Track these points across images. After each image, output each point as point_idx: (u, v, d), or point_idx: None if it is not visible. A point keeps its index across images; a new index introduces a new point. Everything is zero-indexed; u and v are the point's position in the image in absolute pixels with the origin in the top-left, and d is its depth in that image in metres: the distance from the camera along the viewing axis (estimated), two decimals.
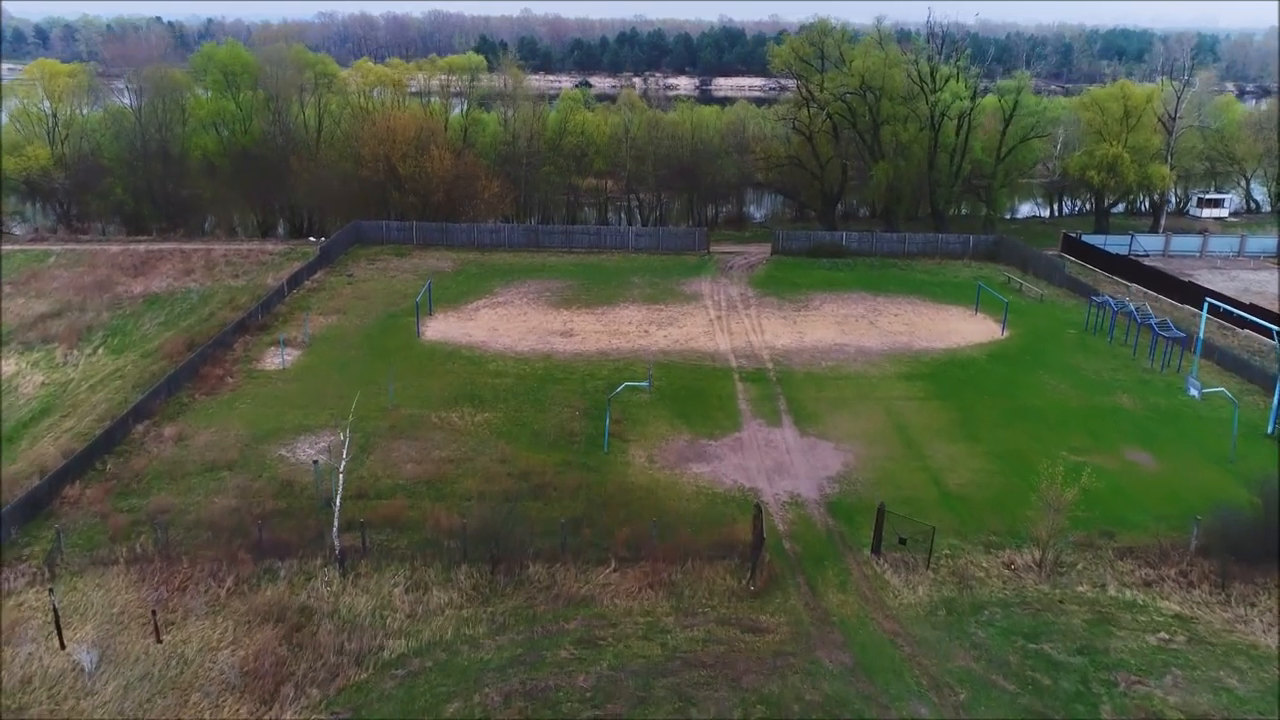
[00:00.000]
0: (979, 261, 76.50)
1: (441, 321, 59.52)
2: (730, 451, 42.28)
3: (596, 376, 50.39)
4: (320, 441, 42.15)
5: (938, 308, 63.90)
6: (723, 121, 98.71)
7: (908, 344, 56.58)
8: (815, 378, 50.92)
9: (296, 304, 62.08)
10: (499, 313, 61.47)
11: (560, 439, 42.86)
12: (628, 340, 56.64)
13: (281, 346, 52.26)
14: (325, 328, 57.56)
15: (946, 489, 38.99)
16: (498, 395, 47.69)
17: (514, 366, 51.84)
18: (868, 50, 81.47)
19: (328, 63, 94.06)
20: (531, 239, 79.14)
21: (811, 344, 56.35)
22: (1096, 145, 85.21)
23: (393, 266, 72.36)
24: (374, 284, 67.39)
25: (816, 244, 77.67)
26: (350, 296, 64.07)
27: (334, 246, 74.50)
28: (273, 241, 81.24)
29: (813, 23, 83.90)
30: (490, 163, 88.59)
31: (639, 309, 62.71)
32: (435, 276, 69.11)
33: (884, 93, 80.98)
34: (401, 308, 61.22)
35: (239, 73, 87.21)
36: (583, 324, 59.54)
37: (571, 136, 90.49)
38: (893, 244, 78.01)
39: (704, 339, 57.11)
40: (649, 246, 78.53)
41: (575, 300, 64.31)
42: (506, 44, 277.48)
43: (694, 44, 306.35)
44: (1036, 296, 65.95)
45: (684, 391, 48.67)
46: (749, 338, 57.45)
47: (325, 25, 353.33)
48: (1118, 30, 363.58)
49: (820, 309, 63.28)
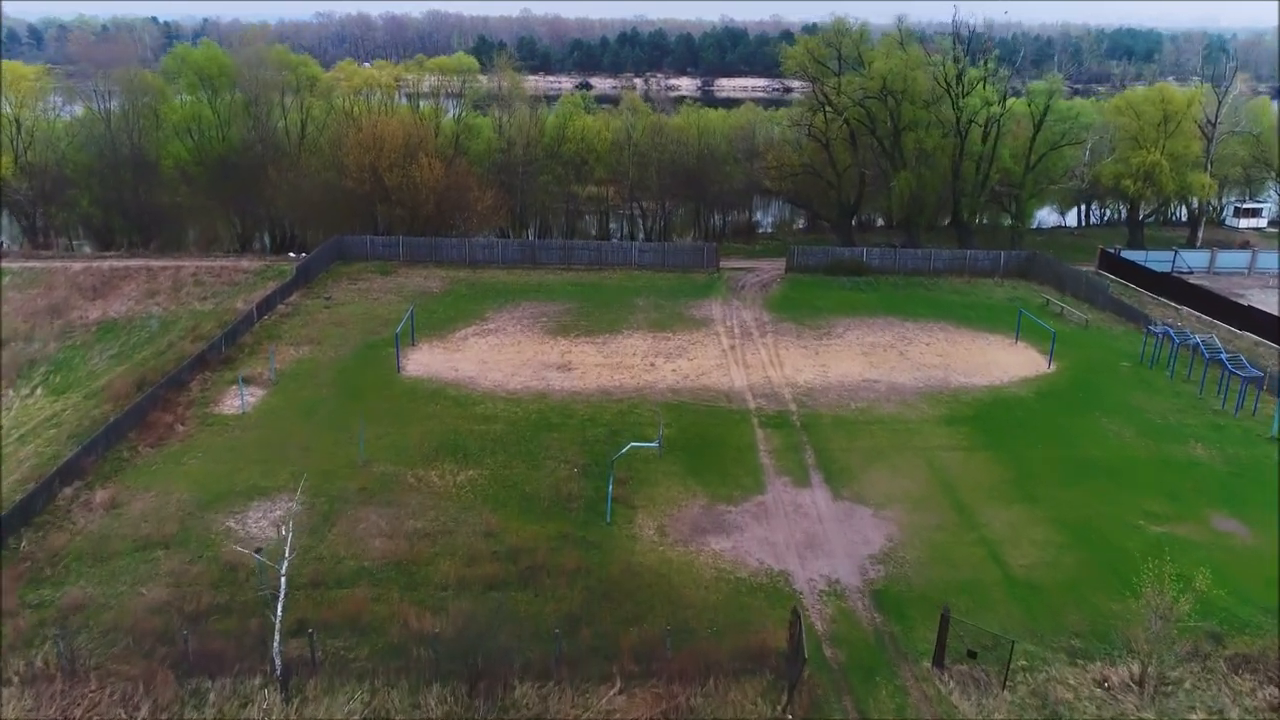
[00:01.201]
0: (1011, 280, 70.27)
1: (426, 353, 53.32)
2: (753, 520, 36.09)
3: (598, 422, 44.19)
4: (275, 509, 35.95)
5: (973, 335, 57.69)
6: (729, 126, 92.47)
7: (944, 379, 50.38)
8: (845, 422, 44.71)
9: (266, 332, 55.85)
10: (489, 342, 55.27)
11: (555, 504, 36.66)
12: (632, 375, 50.46)
13: (241, 387, 46.02)
14: (295, 361, 51.35)
15: (1011, 571, 32.80)
16: (485, 447, 41.48)
17: (504, 409, 45.64)
18: (889, 51, 75.20)
19: (310, 65, 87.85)
20: (527, 255, 72.94)
21: (837, 380, 50.15)
22: (1132, 152, 78.96)
23: (376, 287, 66.13)
24: (354, 308, 61.15)
25: (835, 260, 71.45)
26: (326, 323, 57.84)
27: (314, 264, 68.31)
28: (249, 257, 75.04)
29: (829, 22, 77.57)
30: (484, 171, 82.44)
31: (644, 337, 56.51)
32: (421, 299, 62.94)
33: (906, 97, 74.74)
34: (382, 336, 55.03)
35: (215, 76, 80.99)
36: (582, 355, 53.35)
37: (571, 143, 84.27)
38: (917, 261, 71.78)
39: (717, 373, 50.92)
40: (654, 263, 72.31)
41: (574, 327, 58.10)
42: (505, 44, 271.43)
43: (696, 44, 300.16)
44: (1081, 322, 59.67)
45: (697, 440, 42.46)
46: (767, 372, 51.25)
47: (323, 25, 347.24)
48: (1124, 30, 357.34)
49: (844, 337, 57.07)
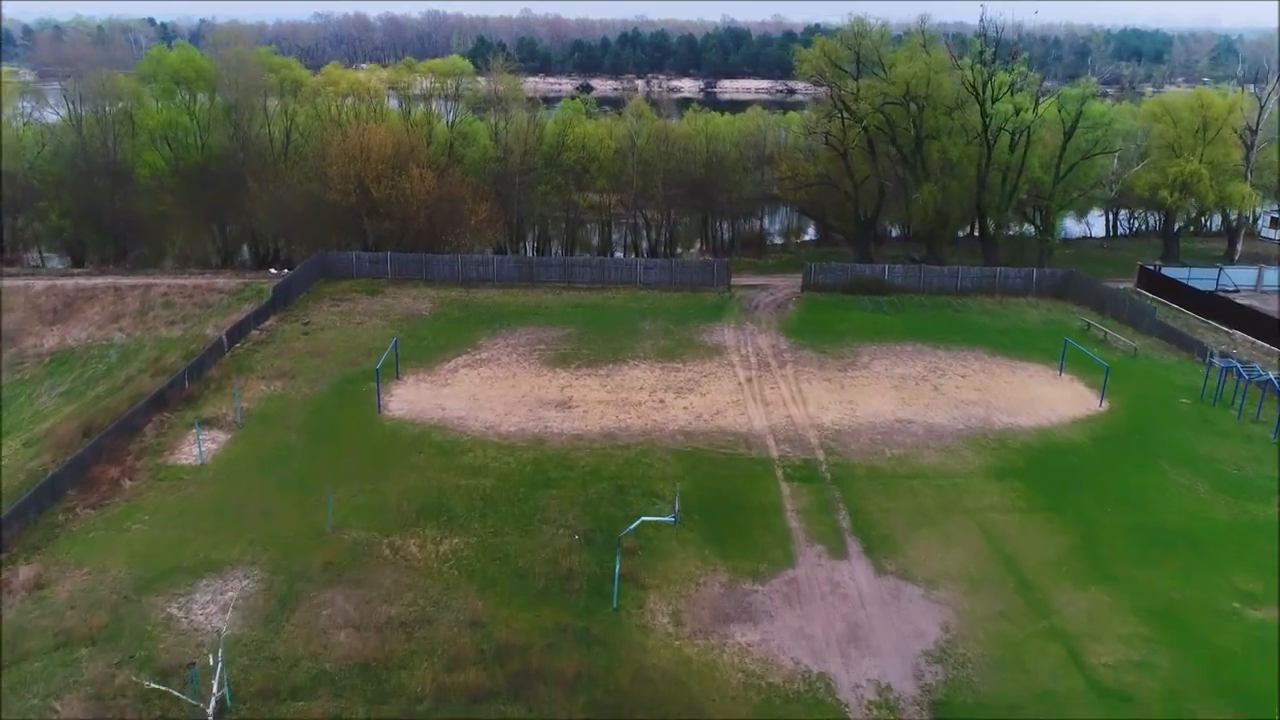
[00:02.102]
0: (1045, 300, 64.86)
1: (411, 388, 47.93)
2: (784, 603, 30.70)
3: (601, 474, 38.79)
4: (227, 589, 30.59)
5: (1011, 365, 52.29)
6: (738, 131, 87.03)
7: (986, 419, 44.98)
8: (881, 475, 39.30)
9: (237, 364, 50.44)
10: (482, 375, 49.86)
11: (553, 585, 31.27)
12: (639, 414, 45.06)
13: (199, 434, 40.58)
14: (265, 398, 45.94)
15: (1094, 674, 27.41)
16: (473, 506, 36.09)
17: (496, 458, 40.23)
18: (912, 54, 69.75)
19: (295, 67, 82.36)
20: (524, 272, 67.52)
21: (867, 420, 44.76)
22: (1169, 161, 73.60)
23: (360, 309, 60.69)
24: (334, 334, 55.73)
25: (854, 279, 66.04)
26: (303, 352, 52.41)
27: (294, 283, 62.89)
28: (227, 274, 69.57)
29: (846, 22, 72.16)
30: (479, 180, 77.04)
31: (652, 368, 51.12)
32: (408, 324, 57.54)
33: (929, 103, 69.34)
34: (362, 368, 49.63)
35: (192, 79, 75.56)
36: (584, 390, 47.95)
37: (571, 151, 78.85)
38: (943, 279, 66.38)
39: (734, 412, 45.51)
40: (660, 281, 66.91)
41: (575, 356, 52.69)
42: (505, 45, 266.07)
43: (698, 45, 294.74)
44: (1129, 350, 54.23)
45: (715, 498, 37.05)
46: (789, 410, 45.86)
47: (321, 26, 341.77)
48: (1129, 30, 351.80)
49: (870, 367, 51.67)
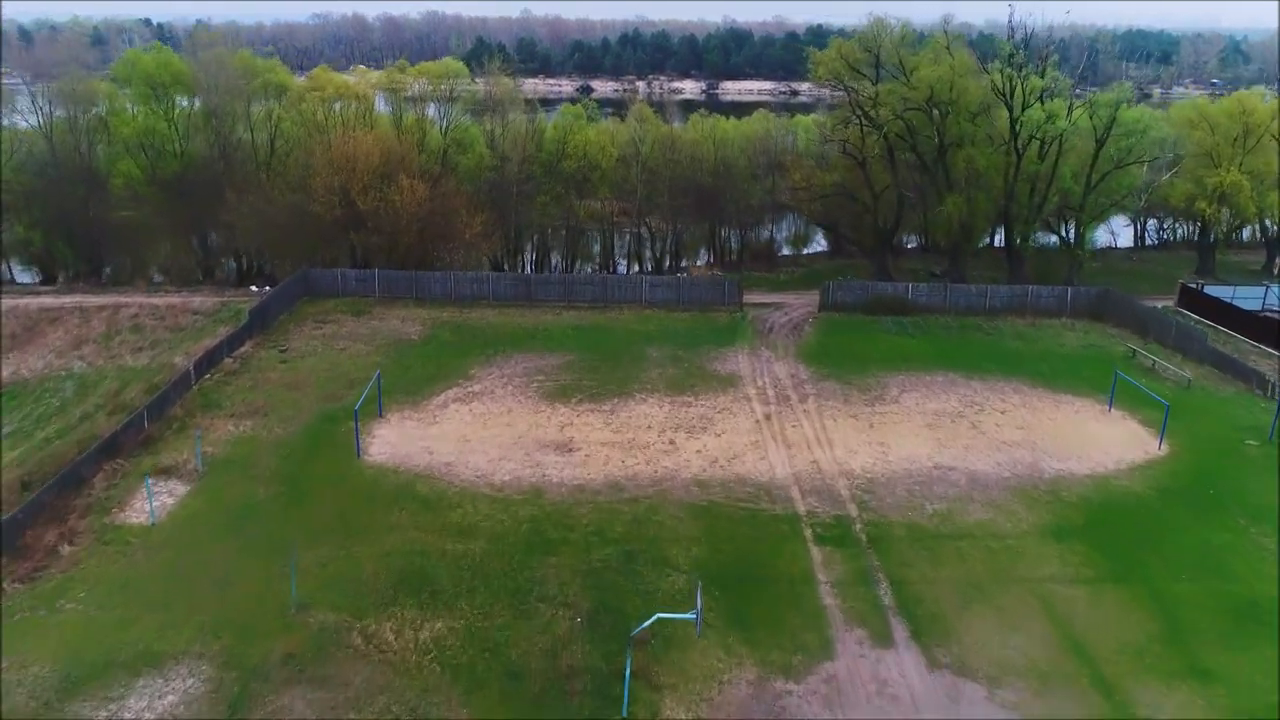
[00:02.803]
0: (1080, 321, 60.06)
1: (395, 427, 43.14)
2: (824, 707, 25.92)
3: (606, 535, 34.01)
4: (168, 691, 25.85)
5: (1054, 399, 47.49)
6: (745, 136, 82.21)
7: (1034, 465, 40.19)
8: (922, 535, 34.52)
9: (204, 398, 45.64)
10: (474, 411, 45.07)
11: (551, 685, 26.48)
12: (648, 459, 40.29)
13: (149, 491, 35.75)
14: (233, 441, 41.14)
15: None
16: (460, 578, 31.31)
17: (488, 514, 35.44)
18: (937, 56, 64.90)
19: (279, 70, 77.43)
20: (522, 291, 62.70)
21: (902, 465, 39.98)
22: (1208, 170, 68.84)
23: (344, 332, 55.88)
24: (315, 361, 50.93)
25: (875, 298, 61.26)
26: (279, 384, 47.61)
27: (274, 303, 58.12)
28: (205, 292, 64.78)
29: (865, 23, 67.27)
30: (475, 190, 72.27)
31: (661, 402, 46.34)
32: (395, 350, 52.77)
33: (954, 108, 64.55)
34: (343, 403, 44.86)
35: (169, 84, 70.69)
36: (586, 429, 43.16)
37: (572, 159, 74.04)
38: (970, 298, 61.59)
39: (752, 456, 40.74)
40: (667, 300, 62.12)
41: (576, 388, 47.90)
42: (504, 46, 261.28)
43: (699, 46, 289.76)
44: (1182, 381, 49.41)
45: (736, 566, 32.29)
46: (814, 453, 41.08)
47: (319, 27, 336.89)
48: (1134, 31, 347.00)
49: (900, 401, 46.88)
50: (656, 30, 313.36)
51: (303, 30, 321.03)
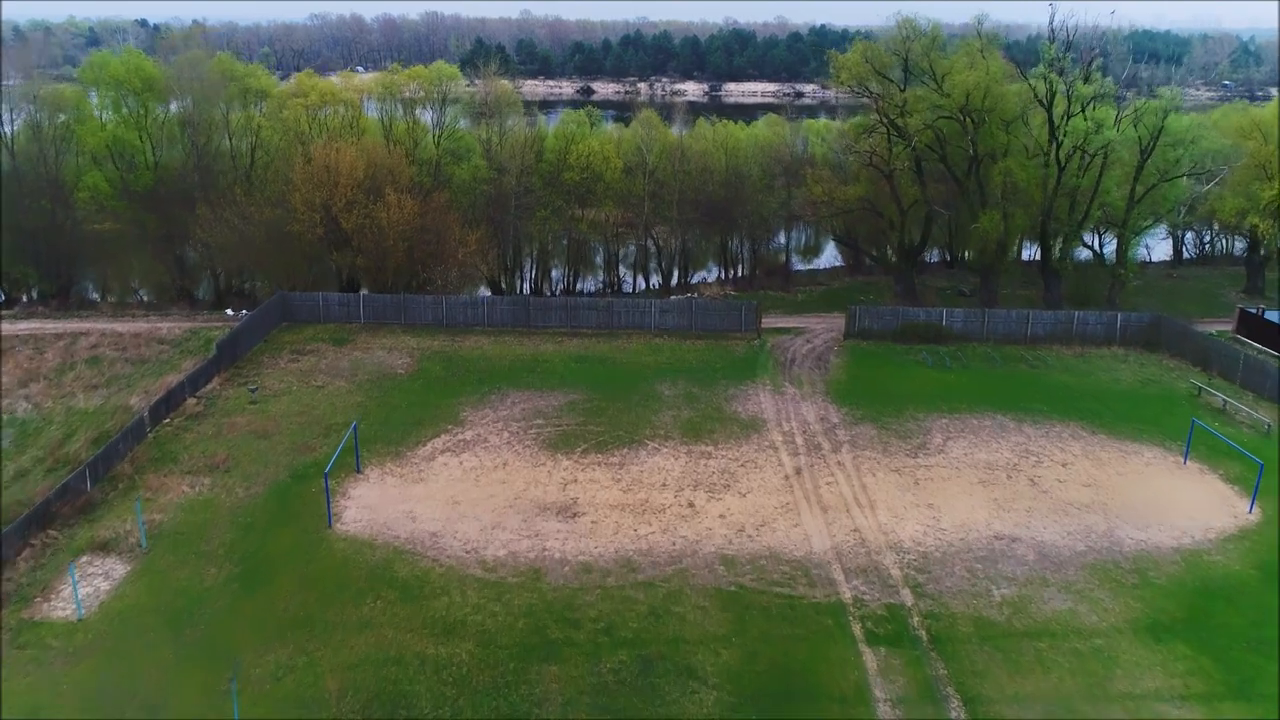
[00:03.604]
0: (1132, 351, 54.39)
1: (375, 485, 37.53)
2: None
3: (618, 634, 28.37)
4: None
5: (1119, 447, 41.85)
6: (756, 142, 76.56)
7: (1110, 535, 34.58)
8: (993, 631, 28.86)
9: (160, 449, 40.03)
10: (465, 464, 39.44)
11: None
12: (664, 527, 34.71)
13: (75, 580, 30.09)
14: (186, 506, 35.51)
15: None
16: (442, 696, 25.68)
17: (478, 605, 29.83)
18: (972, 61, 59.17)
19: (260, 75, 71.65)
20: (520, 316, 57.08)
21: (958, 535, 34.36)
22: (1263, 184, 63.16)
23: (324, 366, 50.25)
24: (288, 403, 45.29)
25: (906, 324, 55.68)
26: (245, 431, 41.96)
27: (248, 332, 52.53)
28: (175, 316, 59.24)
29: (893, 24, 61.46)
30: (470, 203, 66.75)
31: (675, 452, 40.73)
32: (378, 388, 47.13)
33: (990, 117, 58.93)
34: (315, 455, 39.29)
35: (141, 90, 64.97)
36: (592, 487, 37.57)
37: (574, 170, 68.37)
38: (1010, 325, 55.96)
39: (784, 523, 35.13)
40: (679, 326, 56.52)
41: (580, 435, 42.27)
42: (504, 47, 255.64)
43: (702, 47, 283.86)
44: (1262, 427, 43.64)
45: (775, 680, 26.64)
46: (854, 518, 35.48)
47: (318, 28, 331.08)
48: (1140, 31, 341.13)
49: (946, 450, 41.25)
50: (658, 31, 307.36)
51: (300, 31, 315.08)
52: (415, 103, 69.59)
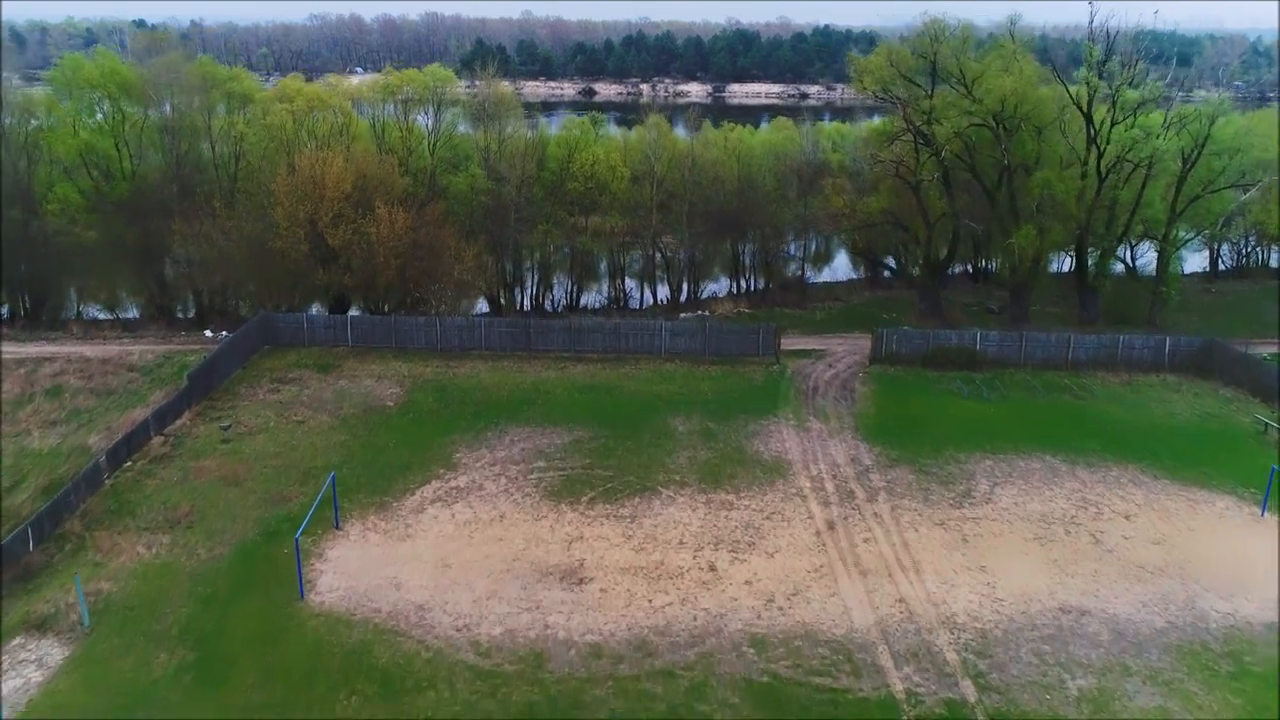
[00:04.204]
0: (1184, 379, 49.88)
1: (355, 544, 33.16)
2: None
3: None
4: None
5: (1185, 495, 37.44)
6: (770, 149, 72.15)
7: (1190, 604, 30.18)
8: None
9: (117, 500, 35.65)
10: (458, 517, 35.06)
11: None
12: (683, 596, 30.34)
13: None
14: (139, 573, 31.13)
15: None
16: None
17: (468, 700, 25.44)
18: (1007, 65, 54.72)
19: (243, 79, 67.22)
20: (520, 339, 52.68)
21: (1018, 607, 29.94)
22: None
23: (306, 397, 45.85)
24: (264, 442, 40.88)
25: (937, 349, 51.22)
26: (214, 476, 37.57)
27: (226, 357, 48.20)
28: (150, 337, 54.91)
29: (920, 25, 56.96)
30: (467, 214, 62.37)
31: (693, 501, 36.35)
32: (364, 423, 42.72)
33: (1026, 124, 54.57)
34: (290, 508, 34.95)
35: (116, 95, 60.60)
36: (600, 546, 33.20)
37: (578, 180, 63.99)
38: (1049, 349, 51.48)
39: (819, 591, 30.75)
40: (691, 350, 52.13)
41: (586, 481, 37.86)
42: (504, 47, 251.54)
43: (705, 48, 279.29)
44: None
45: None
46: (899, 584, 31.09)
47: (317, 28, 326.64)
48: (1146, 32, 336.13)
49: (994, 500, 36.85)
50: (660, 32, 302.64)
51: (299, 31, 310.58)
52: (409, 108, 65.02)
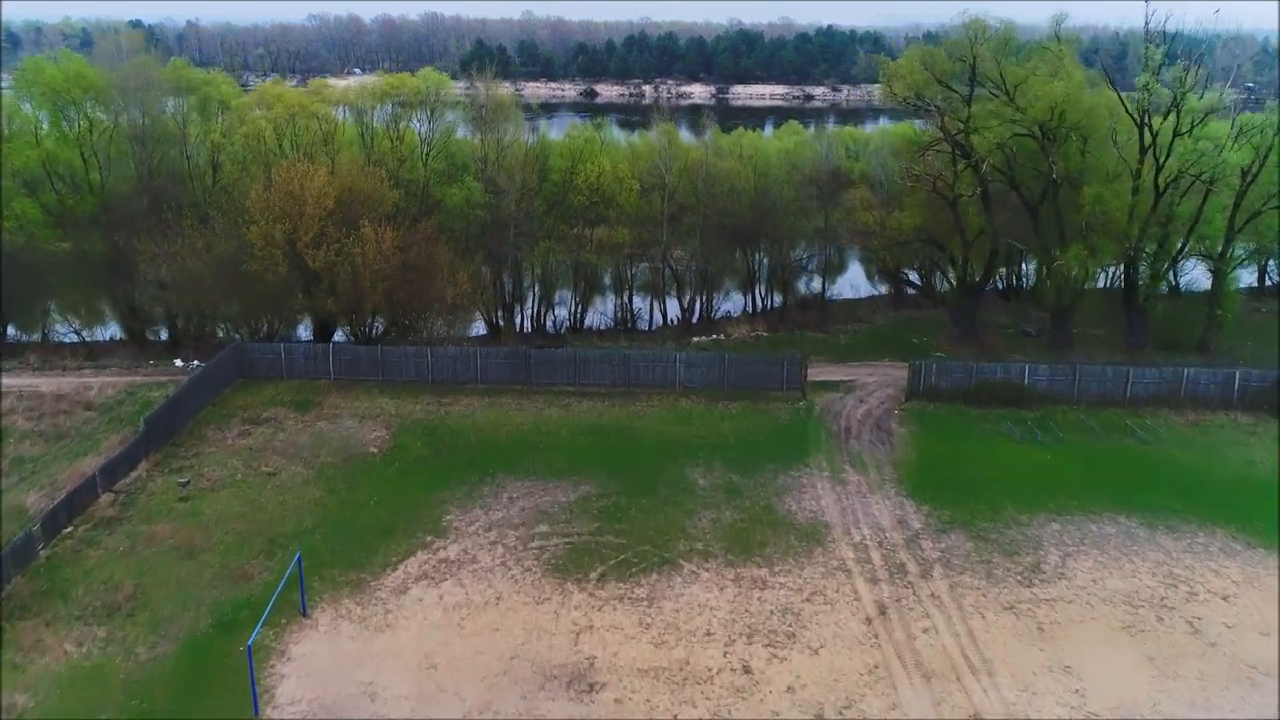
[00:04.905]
0: (1260, 420, 44.55)
1: (324, 637, 27.91)
2: None
3: None
4: None
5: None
6: (786, 157, 66.90)
7: None
8: None
9: (50, 579, 30.39)
10: (446, 600, 29.82)
11: None
12: (713, 706, 25.20)
13: None
14: (64, 678, 25.89)
15: None
16: None
17: None
18: (1055, 68, 49.44)
19: (221, 84, 61.85)
20: (519, 371, 47.42)
21: None
22: None
23: (279, 442, 40.60)
24: (227, 499, 35.65)
25: (981, 384, 45.96)
26: (166, 545, 32.33)
27: (193, 393, 43.01)
28: (114, 367, 49.68)
29: (958, 25, 51.60)
30: (462, 230, 57.15)
31: (719, 578, 31.11)
32: (344, 477, 37.48)
33: (1076, 135, 49.38)
34: (251, 588, 29.76)
35: (78, 99, 55.36)
36: (613, 639, 27.97)
37: (582, 193, 58.73)
38: (1105, 384, 46.18)
39: (876, 701, 25.52)
40: (708, 383, 46.88)
41: (596, 551, 32.63)
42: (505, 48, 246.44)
43: (708, 48, 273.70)
44: None
45: None
46: (970, 693, 25.87)
47: (315, 29, 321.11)
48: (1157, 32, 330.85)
49: (1068, 574, 31.60)
50: (662, 32, 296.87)
51: (297, 32, 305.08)
52: (400, 116, 59.66)
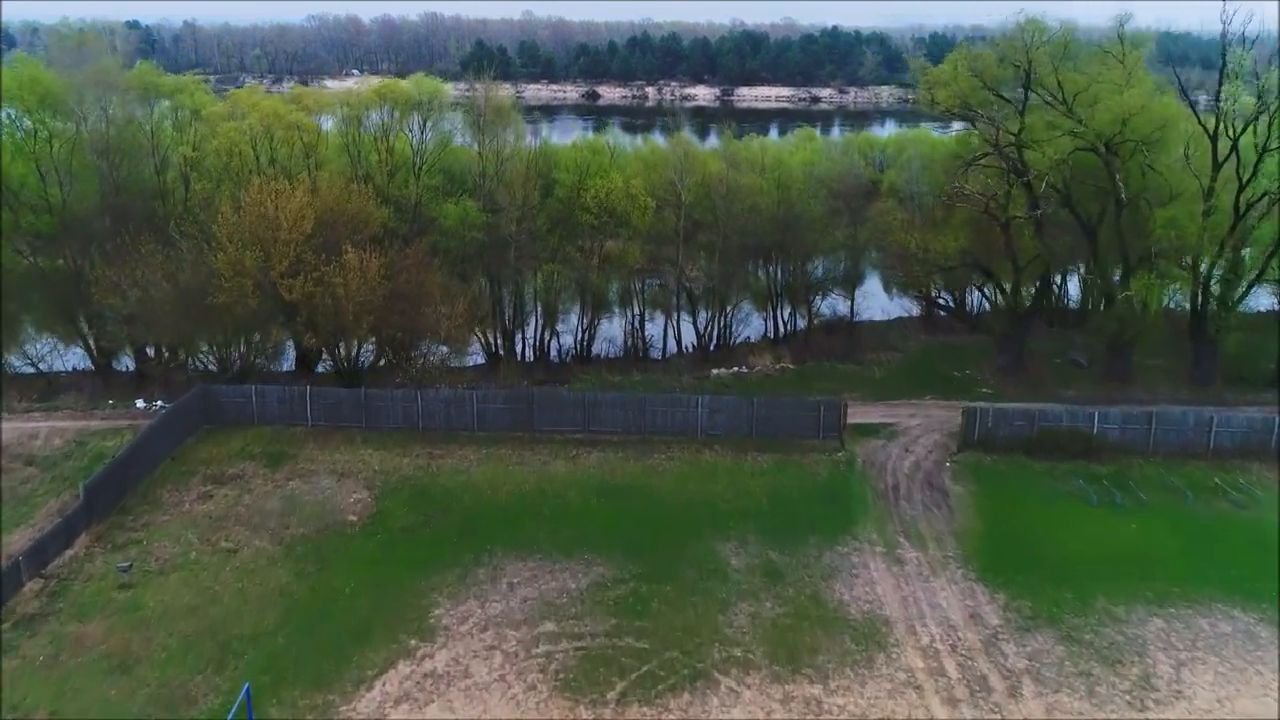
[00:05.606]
0: None
1: None
2: None
3: None
4: None
5: None
6: (808, 169, 61.10)
7: None
8: None
9: None
10: None
11: None
12: None
13: None
14: None
15: None
16: None
17: None
18: (1127, 77, 43.64)
19: (195, 90, 55.98)
20: (521, 416, 41.62)
21: None
22: None
23: (242, 509, 34.82)
24: (176, 587, 29.88)
25: (1044, 433, 40.18)
26: (96, 654, 26.58)
27: (147, 447, 37.29)
28: (67, 408, 43.96)
29: (1010, 25, 45.78)
30: (458, 250, 51.53)
31: (764, 700, 25.34)
32: (316, 552, 31.72)
33: (1146, 151, 43.65)
34: (202, 709, 24.02)
35: (35, 107, 49.66)
36: None
37: (589, 213, 52.98)
38: (1185, 433, 40.41)
39: None
40: (734, 429, 41.11)
41: (613, 660, 26.88)
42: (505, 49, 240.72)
43: (712, 49, 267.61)
44: None
45: None
46: None
47: (314, 29, 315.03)
48: (1163, 34, 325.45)
49: (1184, 690, 25.88)
50: (665, 33, 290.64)
51: (296, 32, 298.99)
52: (390, 126, 53.87)
